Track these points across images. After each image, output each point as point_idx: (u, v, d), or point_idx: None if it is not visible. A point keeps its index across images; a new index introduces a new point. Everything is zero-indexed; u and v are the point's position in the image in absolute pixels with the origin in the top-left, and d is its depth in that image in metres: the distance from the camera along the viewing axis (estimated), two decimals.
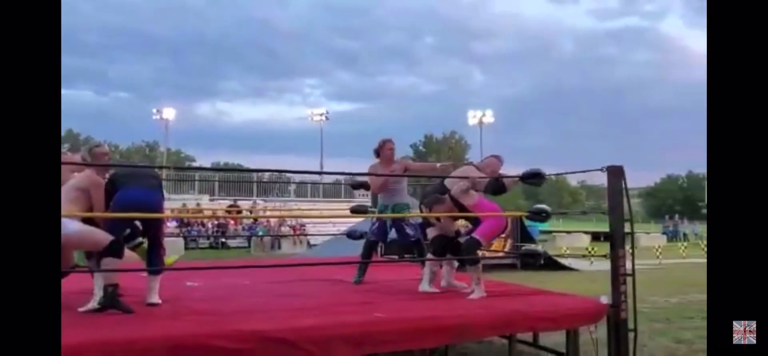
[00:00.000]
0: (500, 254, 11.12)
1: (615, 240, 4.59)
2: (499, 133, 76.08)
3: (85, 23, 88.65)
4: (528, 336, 5.35)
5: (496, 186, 5.38)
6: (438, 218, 5.32)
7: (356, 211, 8.13)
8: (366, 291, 5.41)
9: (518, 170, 5.25)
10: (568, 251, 14.49)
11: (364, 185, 7.92)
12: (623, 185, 4.63)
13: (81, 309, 4.01)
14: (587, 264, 13.27)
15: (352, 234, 7.62)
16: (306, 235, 17.39)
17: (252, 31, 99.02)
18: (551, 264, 11.95)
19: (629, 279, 4.55)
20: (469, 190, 5.10)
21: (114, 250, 4.03)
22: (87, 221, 4.23)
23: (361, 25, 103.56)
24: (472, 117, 45.51)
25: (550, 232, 22.97)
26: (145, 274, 4.39)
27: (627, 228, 4.62)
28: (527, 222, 14.35)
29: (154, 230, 4.45)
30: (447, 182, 5.40)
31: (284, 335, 3.52)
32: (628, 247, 4.59)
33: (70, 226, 3.96)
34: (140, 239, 4.53)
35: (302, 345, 3.53)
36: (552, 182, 75.34)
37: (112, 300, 3.92)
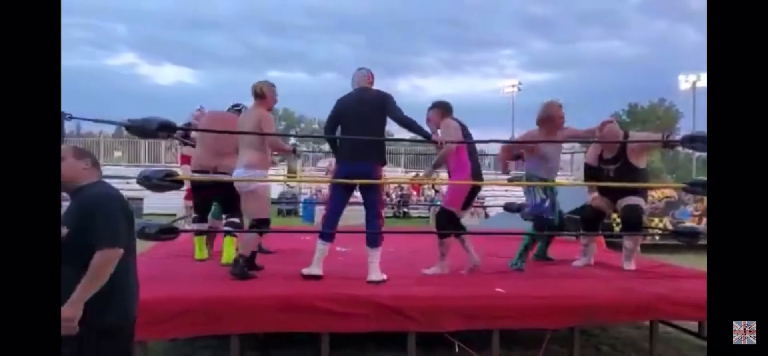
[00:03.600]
0: (655, 232, 9.90)
1: None
2: None
3: (291, 6, 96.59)
4: (694, 324, 4.76)
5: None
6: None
7: (514, 180, 7.89)
8: (505, 265, 5.23)
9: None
10: None
11: (520, 157, 7.61)
12: None
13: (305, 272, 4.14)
14: None
15: (509, 207, 7.41)
16: (483, 206, 17.30)
17: (444, 5, 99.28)
18: None
19: None
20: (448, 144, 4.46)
21: (260, 226, 4.38)
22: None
23: None
24: (684, 82, 40.84)
25: None
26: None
27: None
28: None
29: (369, 199, 4.29)
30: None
31: (392, 302, 3.58)
32: None
33: (255, 187, 4.31)
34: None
35: (410, 313, 3.56)
36: None
37: (241, 272, 4.07)
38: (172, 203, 11.90)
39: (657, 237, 9.63)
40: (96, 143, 27.84)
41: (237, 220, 4.83)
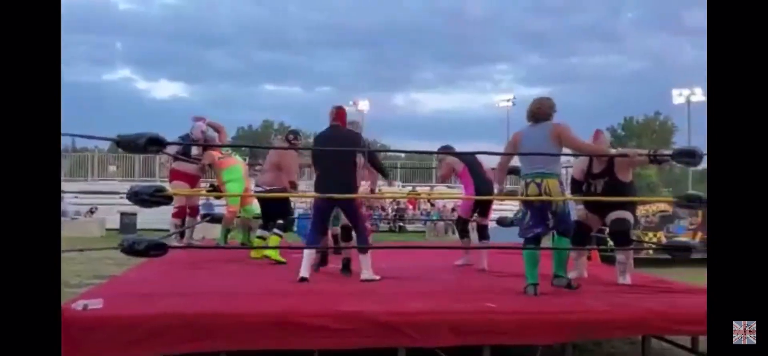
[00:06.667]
0: (648, 246, 9.89)
1: None
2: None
3: (293, 22, 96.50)
4: (686, 340, 4.74)
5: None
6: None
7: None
8: (497, 280, 5.21)
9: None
10: None
11: (514, 171, 7.60)
12: None
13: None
14: None
15: (502, 221, 7.42)
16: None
17: (444, 18, 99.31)
18: None
19: None
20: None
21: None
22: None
23: (553, 4, 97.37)
24: (678, 96, 40.92)
25: None
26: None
27: None
28: None
29: (349, 214, 5.08)
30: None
31: (386, 318, 3.56)
32: None
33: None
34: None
35: (404, 329, 3.53)
36: None
37: None
38: (167, 219, 11.82)
39: (651, 252, 9.62)
40: (90, 157, 27.81)
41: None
